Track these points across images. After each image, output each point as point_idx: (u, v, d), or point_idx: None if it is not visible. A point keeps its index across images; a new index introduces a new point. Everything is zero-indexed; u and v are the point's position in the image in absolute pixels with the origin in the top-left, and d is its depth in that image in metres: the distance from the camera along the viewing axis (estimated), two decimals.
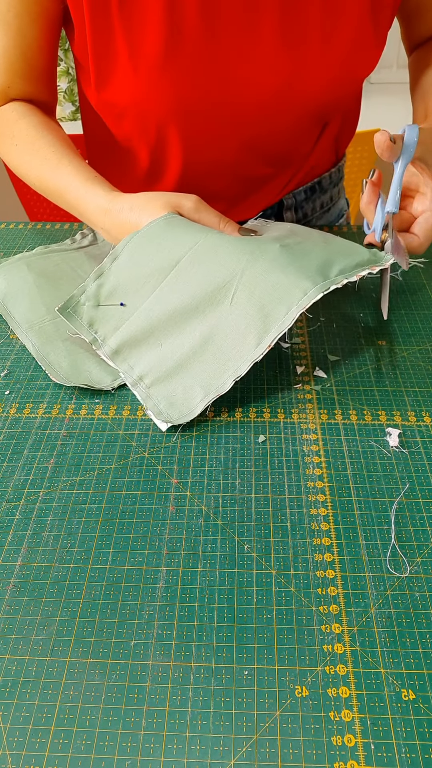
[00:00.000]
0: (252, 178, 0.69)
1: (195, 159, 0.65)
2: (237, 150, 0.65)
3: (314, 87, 0.59)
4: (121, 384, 0.52)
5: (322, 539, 0.41)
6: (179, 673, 0.35)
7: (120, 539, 0.41)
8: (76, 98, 1.57)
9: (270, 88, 0.58)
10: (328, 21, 0.56)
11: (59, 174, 0.60)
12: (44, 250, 0.66)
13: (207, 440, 0.48)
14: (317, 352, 0.55)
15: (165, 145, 0.64)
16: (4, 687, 0.35)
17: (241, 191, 0.71)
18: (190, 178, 0.68)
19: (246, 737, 0.32)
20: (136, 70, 0.56)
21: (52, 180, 0.60)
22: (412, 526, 0.41)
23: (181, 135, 0.62)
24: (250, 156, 0.66)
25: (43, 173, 0.61)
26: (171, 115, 0.60)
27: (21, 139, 0.63)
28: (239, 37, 0.56)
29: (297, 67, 0.58)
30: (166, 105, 0.59)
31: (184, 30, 0.55)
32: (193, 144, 0.64)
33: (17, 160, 0.64)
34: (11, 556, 0.41)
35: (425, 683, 0.34)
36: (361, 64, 0.60)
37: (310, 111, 0.62)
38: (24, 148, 0.62)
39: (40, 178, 0.62)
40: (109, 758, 0.32)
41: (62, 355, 0.53)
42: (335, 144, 0.74)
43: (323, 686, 0.34)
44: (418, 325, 0.58)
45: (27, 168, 0.63)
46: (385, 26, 0.60)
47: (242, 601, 0.38)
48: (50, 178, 0.60)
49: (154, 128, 0.62)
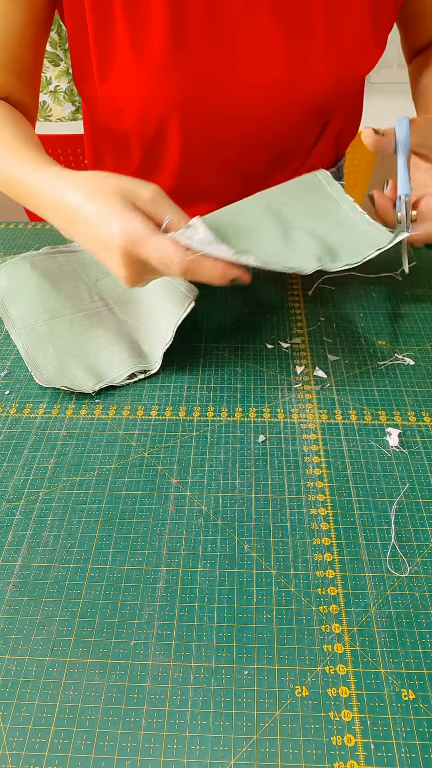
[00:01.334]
0: (249, 175, 0.69)
1: (194, 155, 0.65)
2: (236, 147, 0.65)
3: (315, 84, 0.59)
4: (102, 387, 0.52)
5: (322, 539, 0.41)
6: (179, 673, 0.35)
7: (120, 539, 0.41)
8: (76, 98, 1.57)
9: (270, 84, 0.59)
10: (330, 19, 0.56)
11: (22, 159, 0.52)
12: (51, 250, 0.66)
13: (207, 440, 0.48)
14: (317, 352, 0.55)
15: (164, 140, 0.64)
16: (4, 687, 0.35)
17: (237, 189, 0.71)
18: (187, 175, 0.68)
19: (246, 737, 0.32)
20: (140, 64, 0.56)
21: (13, 166, 0.52)
22: (412, 526, 0.41)
23: (182, 130, 0.62)
24: (248, 153, 0.66)
25: (4, 160, 0.53)
26: (172, 110, 0.60)
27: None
28: (241, 33, 0.56)
29: (298, 64, 0.58)
30: (168, 99, 0.58)
31: (187, 25, 0.55)
32: (192, 140, 0.64)
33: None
34: (11, 556, 0.41)
35: (425, 683, 0.34)
36: (362, 64, 0.61)
37: (310, 109, 0.62)
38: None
39: (2, 167, 0.54)
40: (109, 758, 0.32)
41: (50, 357, 0.53)
42: (335, 144, 0.74)
43: (323, 686, 0.34)
44: (418, 325, 0.58)
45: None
46: (385, 27, 0.60)
47: (242, 601, 0.38)
48: (12, 164, 0.52)
49: (155, 123, 0.61)
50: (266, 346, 0.56)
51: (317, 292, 0.62)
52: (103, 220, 0.44)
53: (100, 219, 0.44)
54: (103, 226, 0.44)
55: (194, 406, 0.51)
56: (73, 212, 0.46)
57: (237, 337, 0.57)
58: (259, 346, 0.56)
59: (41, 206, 0.50)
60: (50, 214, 0.50)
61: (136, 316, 0.58)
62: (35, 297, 0.59)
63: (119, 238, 0.43)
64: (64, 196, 0.47)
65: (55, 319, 0.56)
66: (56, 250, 0.66)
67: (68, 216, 0.47)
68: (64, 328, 0.56)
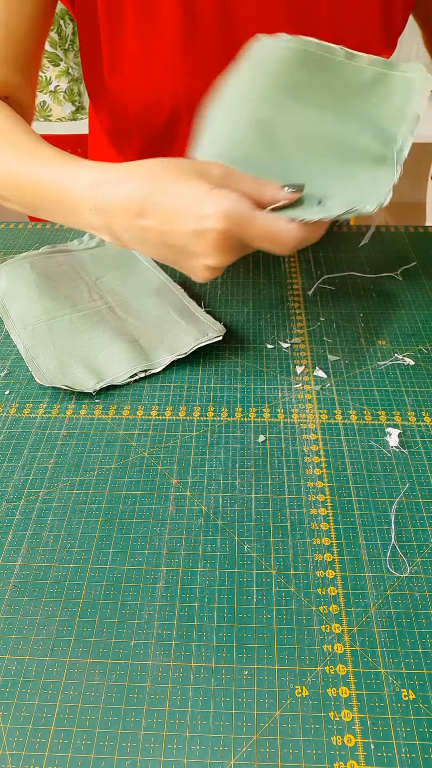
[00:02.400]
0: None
1: None
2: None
3: None
4: (103, 387, 0.52)
5: (322, 539, 0.41)
6: (179, 673, 0.35)
7: (120, 539, 0.41)
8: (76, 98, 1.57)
9: None
10: (336, 16, 0.56)
11: (37, 158, 0.47)
12: (50, 249, 0.66)
13: (207, 440, 0.48)
14: (317, 352, 0.55)
15: (172, 138, 0.63)
16: (4, 687, 0.35)
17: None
18: None
19: (246, 737, 0.32)
20: (150, 58, 0.56)
21: (27, 167, 0.47)
22: (412, 526, 0.41)
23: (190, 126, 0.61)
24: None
25: (15, 161, 0.48)
26: (181, 106, 0.59)
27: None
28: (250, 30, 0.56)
29: None
30: (177, 94, 0.58)
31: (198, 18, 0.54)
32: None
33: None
34: (11, 556, 0.41)
35: (425, 683, 0.34)
36: None
37: None
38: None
39: (8, 170, 0.48)
40: (109, 758, 0.32)
41: (51, 357, 0.53)
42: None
43: (323, 686, 0.34)
44: (418, 325, 0.58)
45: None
46: (396, 28, 0.59)
47: (242, 601, 0.38)
48: (25, 165, 0.47)
49: (164, 119, 0.61)
50: (266, 346, 0.56)
51: (317, 292, 0.62)
52: (188, 204, 0.39)
53: (185, 203, 0.39)
54: (191, 211, 0.39)
55: (194, 406, 0.51)
56: (136, 206, 0.40)
57: (237, 337, 0.57)
58: (259, 346, 0.56)
59: (80, 211, 0.44)
60: (95, 220, 0.43)
61: (137, 315, 0.58)
62: (35, 297, 0.59)
63: (218, 221, 0.38)
64: (114, 191, 0.40)
65: (55, 319, 0.56)
66: (56, 249, 0.66)
67: (128, 211, 0.40)
68: (64, 328, 0.56)
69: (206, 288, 0.63)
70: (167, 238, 0.41)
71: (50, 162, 0.46)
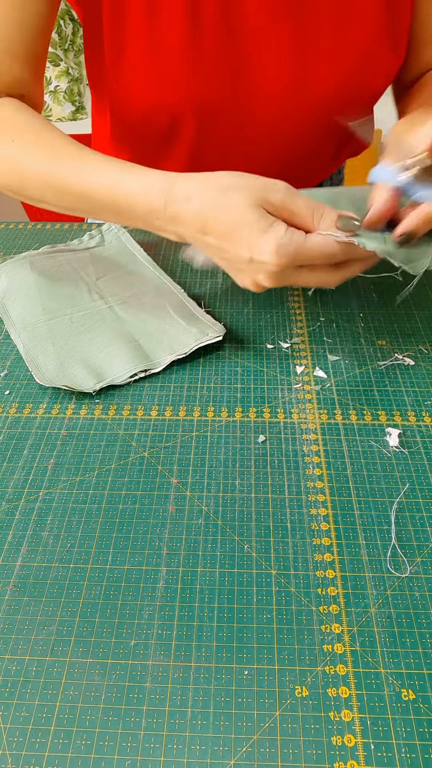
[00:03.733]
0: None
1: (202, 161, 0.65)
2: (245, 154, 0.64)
3: (324, 89, 0.58)
4: (102, 387, 0.52)
5: (322, 539, 0.41)
6: (179, 673, 0.35)
7: (120, 539, 0.41)
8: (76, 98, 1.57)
9: (280, 85, 0.58)
10: (340, 21, 0.56)
11: (83, 161, 0.48)
12: (50, 249, 0.66)
13: (207, 440, 0.48)
14: (317, 352, 0.55)
15: (175, 141, 0.63)
16: (4, 687, 0.35)
17: None
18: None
19: (246, 737, 0.32)
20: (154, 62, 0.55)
21: (72, 170, 0.48)
22: (412, 526, 0.41)
23: (194, 133, 0.61)
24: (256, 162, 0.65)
25: (56, 164, 0.49)
26: (185, 110, 0.59)
27: (21, 131, 0.52)
28: (254, 34, 0.56)
29: (306, 66, 0.57)
30: (181, 98, 0.58)
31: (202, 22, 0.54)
32: (202, 145, 0.63)
33: (12, 158, 0.51)
34: (11, 556, 0.41)
35: (425, 683, 0.34)
36: (375, 71, 0.59)
37: (320, 119, 0.61)
38: (26, 138, 0.51)
39: (51, 172, 0.49)
40: (109, 758, 0.32)
41: (51, 357, 0.53)
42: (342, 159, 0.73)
43: (323, 686, 0.34)
44: (418, 325, 0.58)
45: (31, 162, 0.50)
46: (403, 32, 0.58)
47: (242, 601, 0.38)
48: (69, 168, 0.48)
49: (167, 122, 0.61)
50: (266, 346, 0.56)
51: (317, 292, 0.62)
52: (245, 238, 0.42)
53: (243, 236, 0.42)
54: (249, 246, 0.42)
55: (194, 406, 0.51)
56: (200, 224, 0.44)
57: (237, 337, 0.57)
58: (259, 346, 0.56)
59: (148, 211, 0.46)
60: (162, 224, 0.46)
61: (137, 315, 0.58)
62: (35, 297, 0.59)
63: (274, 257, 0.42)
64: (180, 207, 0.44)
65: (55, 319, 0.56)
66: (56, 249, 0.66)
67: (192, 225, 0.44)
68: (64, 328, 0.56)
69: (206, 288, 0.63)
70: (225, 255, 0.45)
71: (100, 168, 0.48)
